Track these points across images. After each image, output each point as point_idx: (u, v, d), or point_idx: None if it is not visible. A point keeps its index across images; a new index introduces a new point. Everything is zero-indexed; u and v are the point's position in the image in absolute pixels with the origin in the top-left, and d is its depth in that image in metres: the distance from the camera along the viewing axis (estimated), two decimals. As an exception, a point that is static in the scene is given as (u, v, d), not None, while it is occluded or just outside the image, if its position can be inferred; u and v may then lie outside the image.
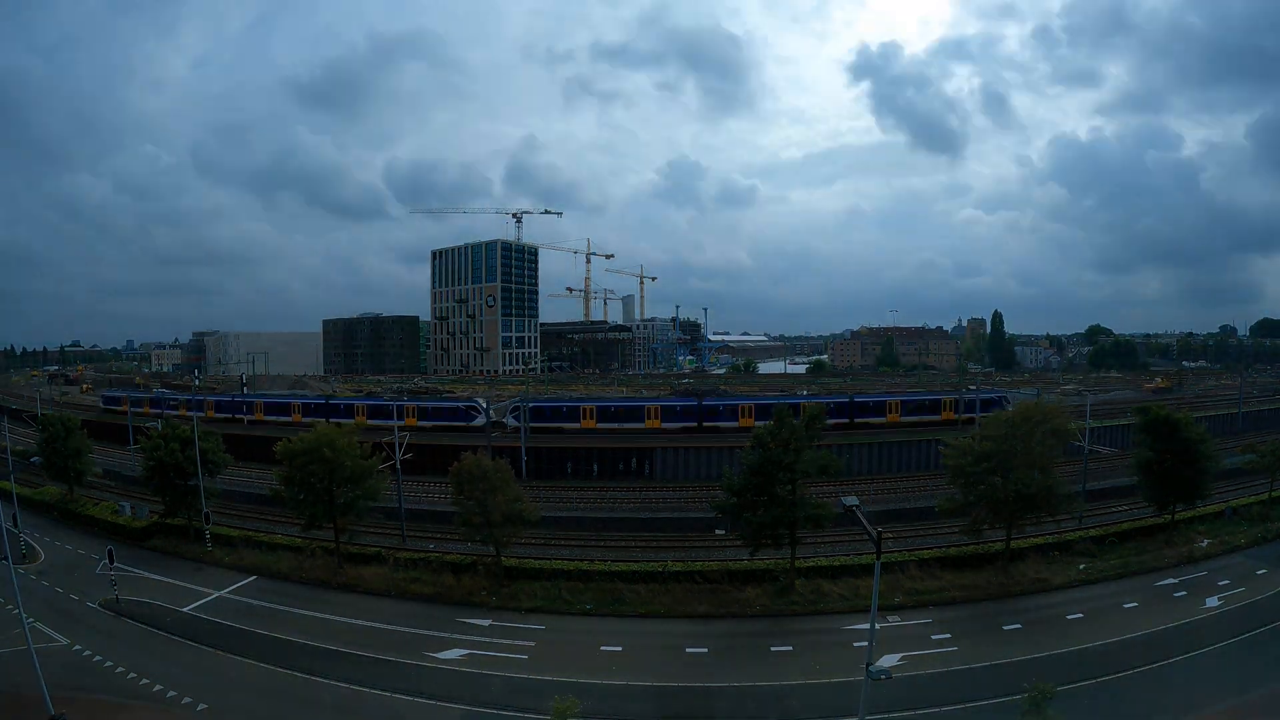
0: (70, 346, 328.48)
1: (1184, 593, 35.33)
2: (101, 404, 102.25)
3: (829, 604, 34.40)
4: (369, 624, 33.48)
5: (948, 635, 31.00)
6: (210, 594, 37.72)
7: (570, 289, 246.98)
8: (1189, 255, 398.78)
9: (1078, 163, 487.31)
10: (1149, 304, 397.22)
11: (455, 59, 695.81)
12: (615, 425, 68.82)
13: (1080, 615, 32.93)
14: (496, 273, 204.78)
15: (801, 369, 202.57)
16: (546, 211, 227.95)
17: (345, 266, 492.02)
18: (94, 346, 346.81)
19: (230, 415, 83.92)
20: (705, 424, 68.49)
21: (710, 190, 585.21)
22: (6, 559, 32.02)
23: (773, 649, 30.43)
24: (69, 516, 52.32)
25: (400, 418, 62.36)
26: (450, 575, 38.23)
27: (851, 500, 18.57)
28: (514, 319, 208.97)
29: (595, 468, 61.27)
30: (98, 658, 30.15)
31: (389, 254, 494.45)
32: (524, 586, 36.65)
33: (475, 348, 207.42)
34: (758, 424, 48.58)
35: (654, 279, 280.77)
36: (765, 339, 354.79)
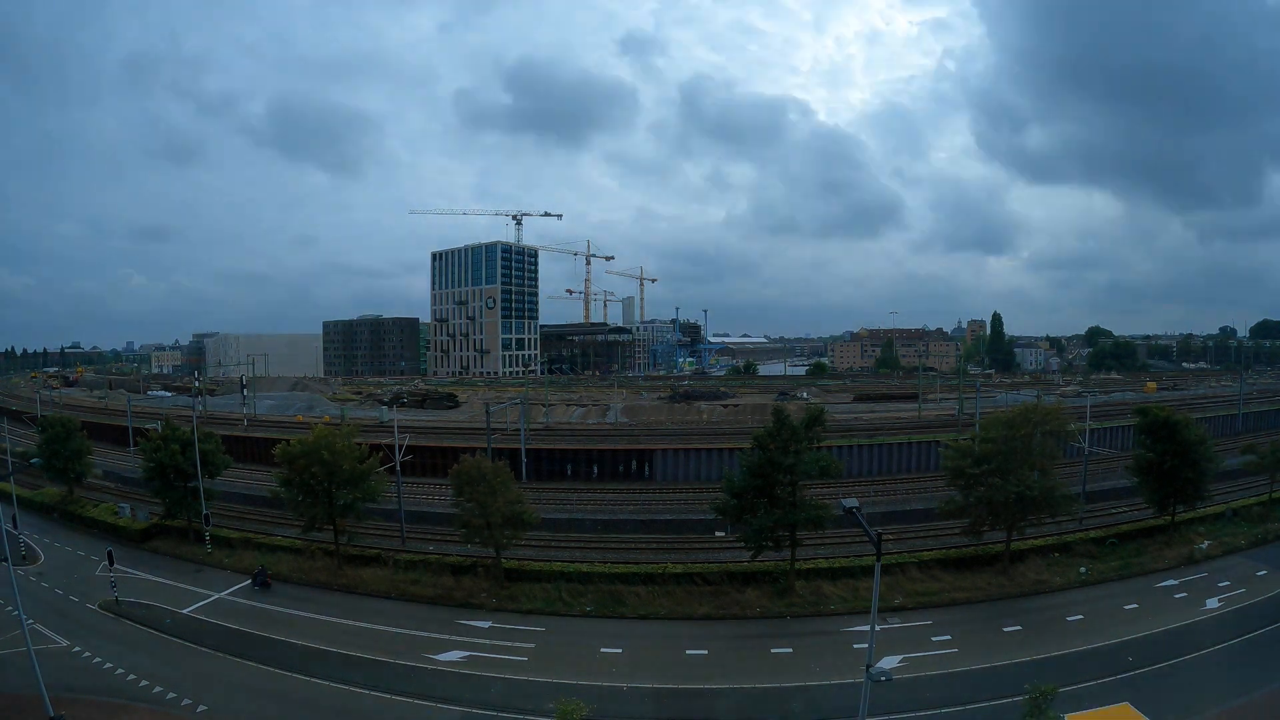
0: (70, 348, 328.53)
1: (1184, 594, 35.32)
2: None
3: (829, 606, 34.41)
4: (369, 626, 33.47)
5: (948, 637, 30.97)
6: (210, 596, 37.70)
7: (570, 291, 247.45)
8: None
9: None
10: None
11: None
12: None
13: (1081, 617, 32.93)
14: (496, 274, 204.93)
15: (802, 370, 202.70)
16: (547, 214, 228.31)
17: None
18: (94, 348, 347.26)
19: None
20: None
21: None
22: (6, 560, 32.05)
23: (773, 651, 30.39)
24: (69, 518, 52.32)
25: None
26: (450, 577, 38.23)
27: (851, 502, 18.53)
28: (514, 321, 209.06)
29: (595, 469, 61.23)
30: (97, 659, 30.13)
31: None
32: (524, 588, 36.63)
33: (475, 349, 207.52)
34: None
35: (654, 280, 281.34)
36: (765, 341, 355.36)
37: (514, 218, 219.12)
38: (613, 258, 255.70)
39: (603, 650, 30.61)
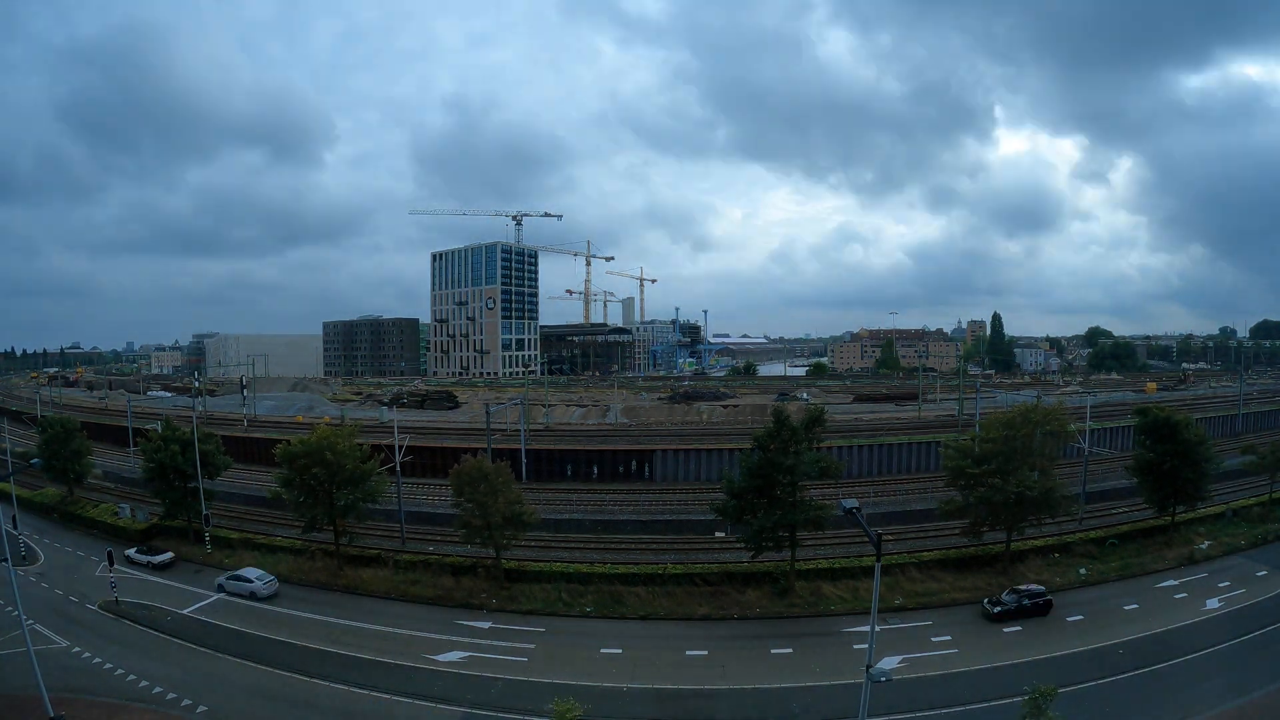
0: (70, 348, 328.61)
1: (1184, 594, 35.33)
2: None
3: (829, 606, 34.41)
4: (369, 626, 33.47)
5: (948, 637, 30.97)
6: (210, 596, 37.68)
7: (570, 291, 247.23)
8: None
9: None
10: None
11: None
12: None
13: (1081, 617, 32.94)
14: (496, 275, 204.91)
15: (802, 370, 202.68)
16: (547, 214, 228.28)
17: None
18: (94, 348, 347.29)
19: None
20: None
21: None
22: (6, 561, 32.05)
23: (773, 651, 30.39)
24: (69, 518, 52.30)
25: None
26: (450, 577, 38.24)
27: (851, 503, 18.51)
28: (514, 321, 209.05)
29: (595, 470, 61.21)
30: (97, 660, 30.13)
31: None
32: (524, 589, 36.64)
33: (475, 350, 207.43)
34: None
35: (654, 281, 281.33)
36: (765, 341, 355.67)
37: (514, 218, 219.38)
38: (612, 258, 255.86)
39: (603, 650, 30.62)
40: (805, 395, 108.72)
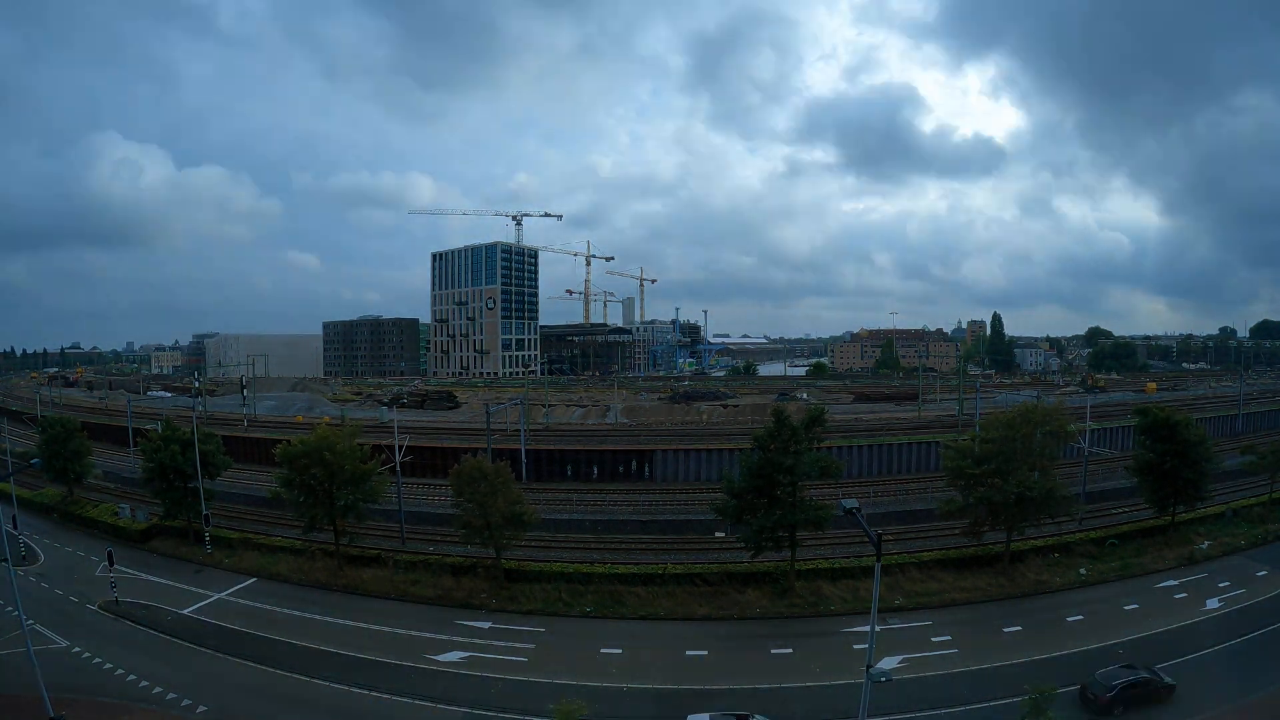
0: (70, 348, 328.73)
1: (1184, 594, 35.33)
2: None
3: (829, 606, 34.40)
4: (369, 626, 33.46)
5: (948, 637, 30.96)
6: (210, 596, 37.70)
7: (570, 291, 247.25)
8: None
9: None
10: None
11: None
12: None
13: (1081, 617, 32.93)
14: (496, 275, 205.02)
15: (802, 371, 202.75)
16: (547, 214, 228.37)
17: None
18: (94, 348, 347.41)
19: None
20: None
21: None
22: (6, 561, 32.07)
23: (773, 651, 30.38)
24: (69, 518, 52.31)
25: None
26: (450, 577, 38.23)
27: (852, 503, 18.50)
28: (514, 321, 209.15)
29: (595, 470, 61.21)
30: (97, 660, 30.14)
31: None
32: (524, 589, 36.62)
33: (475, 350, 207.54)
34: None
35: (654, 280, 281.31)
36: (765, 341, 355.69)
37: (514, 218, 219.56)
38: (612, 258, 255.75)
39: (603, 650, 30.61)
40: (805, 395, 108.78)
